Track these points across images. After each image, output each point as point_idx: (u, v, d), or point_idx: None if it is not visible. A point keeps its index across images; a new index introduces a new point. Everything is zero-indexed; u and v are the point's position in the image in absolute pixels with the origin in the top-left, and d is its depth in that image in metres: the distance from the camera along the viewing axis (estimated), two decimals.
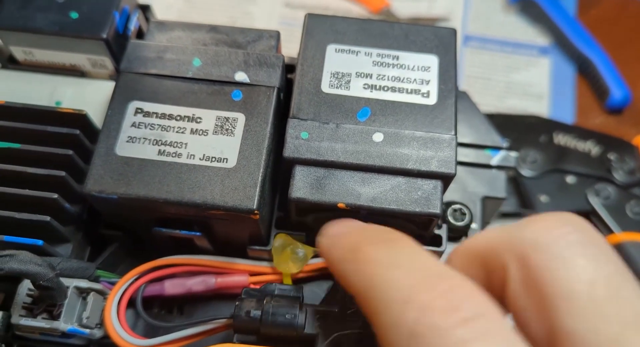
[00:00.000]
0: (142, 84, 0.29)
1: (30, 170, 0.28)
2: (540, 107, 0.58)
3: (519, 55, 0.61)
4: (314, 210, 0.28)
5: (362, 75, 0.30)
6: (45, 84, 0.34)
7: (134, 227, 0.30)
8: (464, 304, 0.17)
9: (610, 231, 0.49)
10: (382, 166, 0.28)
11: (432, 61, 0.31)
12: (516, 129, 0.53)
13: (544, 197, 0.51)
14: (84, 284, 0.27)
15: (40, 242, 0.27)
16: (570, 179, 0.52)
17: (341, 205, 0.27)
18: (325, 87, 0.30)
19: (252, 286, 0.29)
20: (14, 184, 0.28)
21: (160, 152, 0.28)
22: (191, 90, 0.29)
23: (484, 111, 0.39)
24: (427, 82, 0.30)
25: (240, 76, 0.30)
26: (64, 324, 0.26)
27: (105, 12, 0.32)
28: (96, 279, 0.29)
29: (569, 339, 0.16)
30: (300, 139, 0.28)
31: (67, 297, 0.27)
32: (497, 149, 0.37)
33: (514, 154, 0.37)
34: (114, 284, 0.29)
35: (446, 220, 0.33)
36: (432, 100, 0.30)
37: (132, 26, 0.34)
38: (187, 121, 0.28)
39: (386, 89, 0.30)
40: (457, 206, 0.34)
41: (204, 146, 0.28)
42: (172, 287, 0.30)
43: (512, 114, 0.55)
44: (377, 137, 0.28)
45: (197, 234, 0.29)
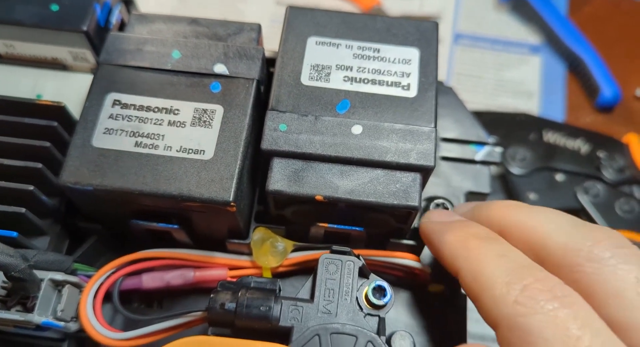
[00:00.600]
0: (121, 76, 0.29)
1: (6, 162, 0.28)
2: (530, 105, 0.58)
3: (510, 53, 0.60)
4: (292, 203, 0.28)
5: (343, 67, 0.30)
6: (26, 77, 0.34)
7: (112, 220, 0.29)
8: (556, 287, 0.21)
9: None
10: (360, 158, 0.28)
11: (413, 54, 0.31)
12: (506, 126, 0.53)
13: (532, 195, 0.51)
14: (59, 276, 0.27)
15: (14, 234, 0.27)
16: (559, 177, 0.52)
17: (319, 197, 0.27)
18: (305, 80, 0.30)
19: (230, 279, 0.29)
20: None
21: (137, 144, 0.27)
22: (170, 82, 0.29)
23: (474, 109, 0.39)
24: (408, 75, 0.30)
25: (219, 68, 0.29)
26: (38, 317, 0.26)
27: (86, 4, 0.32)
28: (73, 272, 0.29)
29: (622, 329, 0.21)
30: (278, 131, 0.28)
31: (42, 290, 0.26)
32: (481, 144, 0.37)
33: (498, 150, 0.37)
34: (91, 277, 0.29)
35: None
36: (412, 93, 0.29)
37: (114, 19, 0.34)
38: (165, 113, 0.28)
39: (366, 81, 0.30)
40: (439, 201, 0.33)
41: (182, 138, 0.28)
42: (150, 280, 0.30)
43: (501, 112, 0.55)
44: (356, 129, 0.28)
45: (175, 226, 0.28)
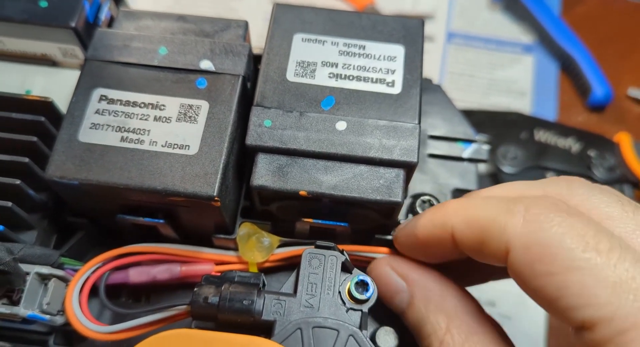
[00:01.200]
0: (108, 72, 0.30)
1: None
2: (523, 104, 0.58)
3: (503, 52, 0.61)
4: (277, 198, 0.28)
5: (328, 64, 0.30)
6: (16, 73, 0.34)
7: (98, 215, 0.30)
8: (556, 202, 0.22)
9: None
10: (344, 154, 0.28)
11: (398, 51, 0.31)
12: (497, 125, 0.53)
13: None
14: (45, 270, 0.27)
15: (1, 227, 0.27)
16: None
17: (303, 193, 0.27)
18: (290, 76, 0.30)
19: (215, 274, 0.29)
20: None
21: (122, 139, 0.28)
22: (156, 78, 0.29)
23: (467, 108, 0.39)
24: (393, 72, 0.30)
25: (205, 64, 0.30)
26: (23, 310, 0.26)
27: (74, 1, 0.32)
28: (60, 267, 0.29)
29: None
30: (263, 127, 0.28)
31: (28, 283, 0.27)
32: (469, 141, 0.37)
33: (485, 147, 0.37)
34: (77, 271, 0.29)
35: (414, 211, 0.33)
36: (396, 89, 0.30)
37: (103, 16, 0.34)
38: (151, 108, 0.29)
39: (351, 78, 0.30)
40: (426, 197, 0.34)
41: (167, 133, 0.28)
42: (136, 275, 0.30)
43: (493, 111, 0.55)
44: (341, 125, 0.28)
45: (161, 221, 0.29)
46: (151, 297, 0.32)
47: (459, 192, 0.36)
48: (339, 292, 0.26)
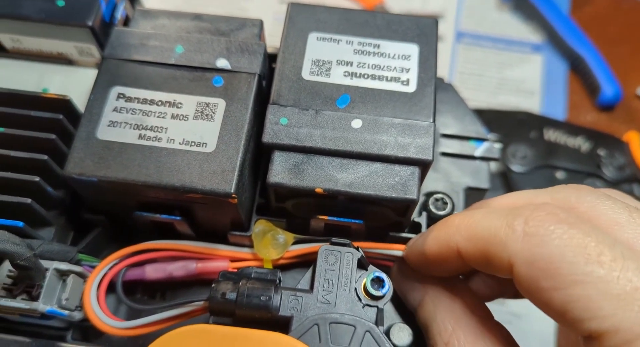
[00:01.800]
0: (125, 70, 0.30)
1: (13, 153, 0.29)
2: (532, 103, 0.58)
3: (512, 52, 0.61)
4: (293, 195, 0.29)
5: (343, 63, 0.30)
6: (32, 72, 0.34)
7: (116, 212, 0.30)
8: (555, 211, 0.22)
9: None
10: (360, 152, 0.28)
11: (412, 50, 0.31)
12: (507, 124, 0.54)
13: None
14: (64, 266, 0.28)
15: (20, 223, 0.27)
16: (560, 175, 0.52)
17: (319, 190, 0.28)
18: (305, 74, 0.30)
19: (231, 270, 0.29)
20: None
21: (140, 137, 0.28)
22: (173, 76, 0.30)
23: (476, 107, 0.39)
24: (407, 71, 0.30)
25: (221, 63, 0.30)
26: (42, 305, 0.27)
27: (91, 0, 0.32)
28: (78, 263, 0.29)
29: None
30: (279, 125, 0.28)
31: (47, 279, 0.27)
32: (481, 140, 0.37)
33: (497, 146, 0.37)
34: (95, 267, 0.29)
35: (427, 209, 0.33)
36: (411, 88, 0.30)
37: (119, 15, 0.34)
38: (168, 106, 0.29)
39: (366, 76, 0.30)
40: (439, 195, 0.34)
41: (184, 131, 0.28)
42: (153, 271, 0.30)
43: (502, 110, 0.55)
44: (356, 123, 0.29)
45: (178, 218, 0.29)
46: (166, 294, 0.32)
47: (471, 191, 0.36)
48: (355, 288, 0.27)
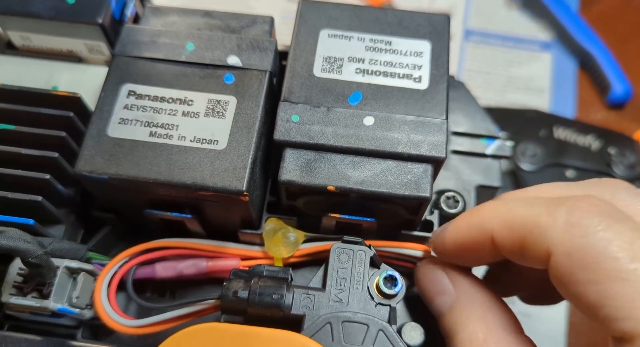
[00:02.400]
0: (136, 67, 0.30)
1: (24, 151, 0.28)
2: (541, 101, 0.58)
3: (520, 50, 0.60)
4: (304, 193, 0.28)
5: (355, 60, 0.30)
6: (42, 69, 0.34)
7: (126, 210, 0.30)
8: (601, 204, 0.21)
9: None
10: (372, 149, 0.28)
11: (424, 47, 0.31)
12: (516, 122, 0.53)
13: None
14: (74, 264, 0.28)
15: (31, 221, 0.27)
16: (570, 173, 0.52)
17: (331, 188, 0.27)
18: (317, 71, 0.30)
19: (242, 268, 0.29)
20: (8, 164, 0.28)
21: (151, 134, 0.28)
22: (184, 73, 0.30)
23: (484, 105, 0.38)
24: (419, 67, 0.30)
25: (232, 60, 0.30)
26: (53, 303, 0.26)
27: None
28: (88, 261, 0.29)
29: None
30: (291, 122, 0.28)
31: (57, 277, 0.27)
32: (492, 138, 0.37)
33: (509, 144, 0.37)
34: (105, 266, 0.29)
35: (439, 207, 0.33)
36: (423, 85, 0.30)
37: (129, 12, 0.34)
38: (179, 104, 0.29)
39: (378, 73, 0.30)
40: (450, 194, 0.34)
41: (195, 128, 0.28)
42: (163, 270, 0.30)
43: (511, 108, 0.55)
44: (368, 120, 0.28)
45: (188, 216, 0.29)
46: (176, 293, 0.32)
47: (482, 189, 0.36)
48: (368, 287, 0.26)
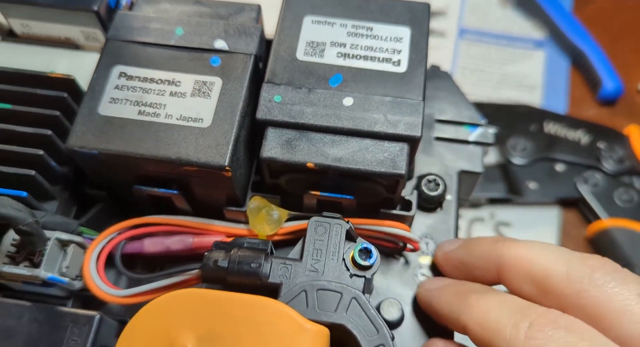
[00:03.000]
0: (127, 51, 0.31)
1: (19, 128, 0.30)
2: (533, 98, 0.59)
3: (514, 48, 0.61)
4: (286, 170, 0.30)
5: (336, 44, 0.31)
6: (41, 56, 0.36)
7: (116, 187, 0.31)
8: (558, 318, 0.24)
9: (597, 218, 0.50)
10: (350, 129, 0.29)
11: (404, 33, 0.32)
12: (507, 117, 0.54)
13: (532, 184, 0.52)
14: (65, 236, 0.29)
15: (24, 193, 0.28)
16: (559, 167, 0.52)
17: (310, 165, 0.28)
18: (300, 55, 0.31)
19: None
20: (4, 141, 0.30)
21: (140, 113, 0.29)
22: (172, 56, 0.31)
23: (477, 101, 0.40)
24: (399, 52, 0.31)
25: (219, 44, 0.31)
26: (44, 272, 0.28)
27: None
28: (79, 235, 0.30)
29: (634, 343, 0.23)
30: (273, 102, 0.30)
31: (49, 247, 0.28)
32: (475, 125, 0.38)
33: (491, 131, 0.38)
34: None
35: (420, 189, 0.34)
36: (402, 68, 0.31)
37: (124, 1, 0.35)
38: (167, 84, 0.30)
39: (358, 57, 0.31)
40: (431, 177, 0.35)
41: (182, 107, 0.29)
42: (151, 245, 0.31)
43: (503, 103, 0.56)
44: (347, 101, 0.30)
45: (175, 192, 0.30)
46: (165, 268, 0.33)
47: (464, 174, 0.37)
48: (344, 259, 0.27)
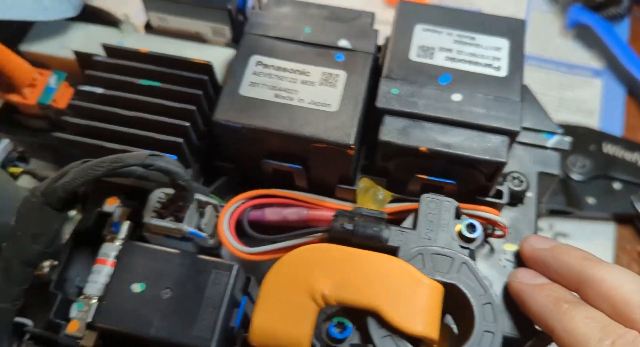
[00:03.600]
0: (262, 43, 0.36)
1: (168, 103, 0.35)
2: (591, 122, 0.62)
3: (573, 75, 0.65)
4: (398, 154, 0.34)
5: (444, 49, 0.36)
6: (173, 47, 0.40)
7: (245, 160, 0.35)
8: (636, 340, 0.26)
9: None
10: (458, 120, 0.33)
11: (503, 43, 0.36)
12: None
13: (591, 199, 0.55)
14: (204, 197, 0.33)
15: (175, 157, 0.33)
16: (617, 185, 0.56)
17: (422, 149, 0.33)
18: (412, 57, 0.35)
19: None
20: (155, 113, 0.34)
21: (276, 96, 0.34)
22: (301, 51, 0.36)
23: None
24: (499, 59, 0.35)
25: (343, 43, 0.36)
26: (187, 226, 0.32)
27: None
28: None
29: None
30: (390, 94, 0.34)
31: (192, 204, 0.32)
32: (552, 133, 0.42)
33: (568, 139, 0.42)
34: (223, 206, 0.34)
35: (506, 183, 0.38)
36: (502, 73, 0.35)
37: (250, 4, 0.40)
38: (298, 74, 0.34)
39: (464, 61, 0.35)
40: (515, 174, 0.38)
41: (311, 94, 0.34)
42: (271, 213, 0.35)
43: (563, 124, 0.59)
44: (456, 97, 0.34)
45: (298, 167, 0.34)
46: None
47: (542, 175, 0.40)
48: (452, 232, 0.31)
